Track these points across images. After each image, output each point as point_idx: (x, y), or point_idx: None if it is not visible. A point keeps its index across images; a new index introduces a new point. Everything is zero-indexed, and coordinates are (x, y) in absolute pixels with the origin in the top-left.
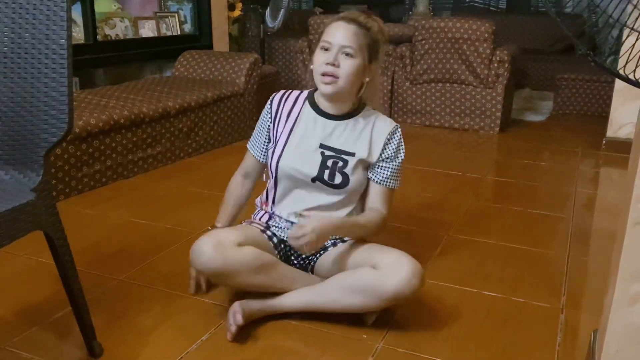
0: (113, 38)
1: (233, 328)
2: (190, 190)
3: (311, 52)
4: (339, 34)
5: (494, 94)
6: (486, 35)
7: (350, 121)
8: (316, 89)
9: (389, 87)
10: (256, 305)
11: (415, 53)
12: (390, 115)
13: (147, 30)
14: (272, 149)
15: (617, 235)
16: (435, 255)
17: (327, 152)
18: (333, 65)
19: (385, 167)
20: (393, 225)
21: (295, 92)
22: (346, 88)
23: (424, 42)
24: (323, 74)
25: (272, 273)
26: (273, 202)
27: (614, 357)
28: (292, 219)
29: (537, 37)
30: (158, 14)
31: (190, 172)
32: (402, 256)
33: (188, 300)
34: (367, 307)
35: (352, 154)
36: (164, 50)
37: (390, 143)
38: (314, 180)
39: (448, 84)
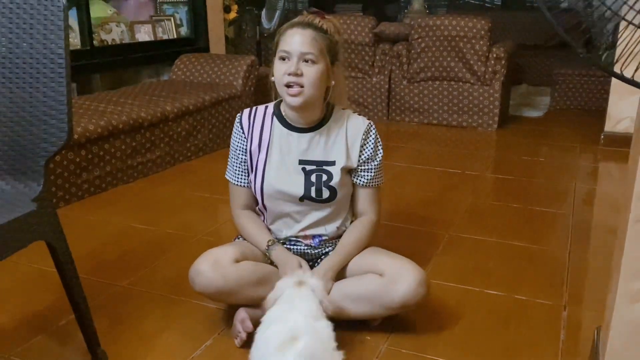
0: (109, 43)
1: (243, 335)
2: (190, 193)
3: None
4: (296, 41)
5: (491, 91)
6: (482, 32)
7: (324, 129)
8: (281, 101)
9: (387, 86)
10: (261, 311)
11: (412, 51)
12: (388, 114)
13: (144, 34)
14: (253, 174)
15: (618, 233)
16: (437, 255)
17: (309, 167)
18: (296, 74)
19: (368, 169)
20: (394, 225)
21: (261, 109)
22: (313, 96)
23: (420, 40)
24: (287, 85)
25: (272, 284)
26: (267, 227)
27: (619, 355)
28: (287, 244)
29: (533, 33)
30: (154, 18)
31: (190, 175)
32: (408, 264)
33: (191, 304)
34: (372, 315)
35: (333, 163)
36: (160, 54)
37: (367, 143)
38: (301, 199)
39: (445, 82)
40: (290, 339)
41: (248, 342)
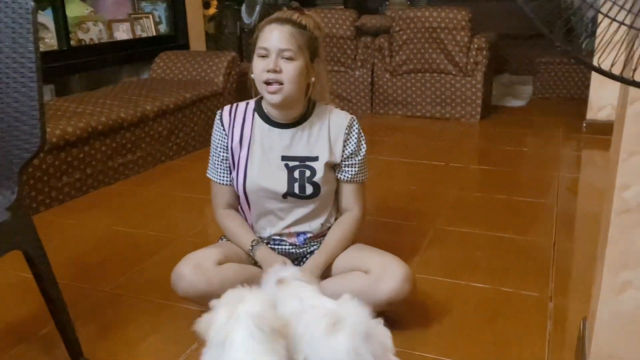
0: (87, 42)
1: None
2: (173, 194)
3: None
4: (274, 38)
5: (473, 82)
6: (463, 23)
7: (306, 124)
8: (262, 97)
9: (369, 80)
10: None
11: (394, 44)
12: (371, 107)
13: (122, 32)
14: (235, 171)
15: (602, 225)
16: (423, 248)
17: (291, 163)
18: (275, 71)
19: (351, 164)
20: (379, 220)
21: (242, 105)
22: (293, 93)
23: (402, 32)
24: (266, 82)
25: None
26: (250, 226)
27: (605, 345)
28: (272, 244)
29: (514, 22)
30: (132, 16)
31: (172, 175)
32: (393, 261)
33: (176, 308)
34: None
35: (316, 158)
36: (139, 52)
37: (350, 138)
38: (285, 196)
39: (428, 74)
40: (333, 323)
41: None
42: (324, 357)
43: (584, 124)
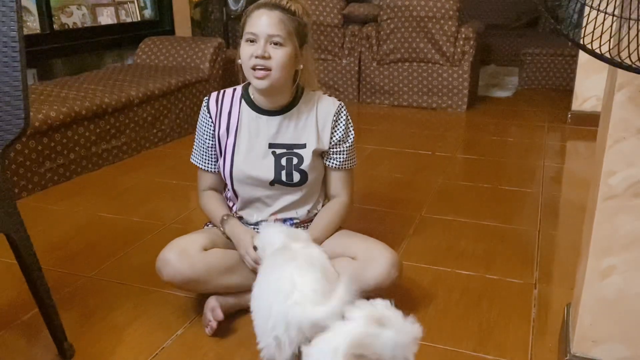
0: (70, 27)
1: (214, 324)
2: (157, 180)
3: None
4: (263, 23)
5: (460, 72)
6: (451, 12)
7: (293, 112)
8: (249, 84)
9: (357, 69)
10: (232, 299)
11: (382, 33)
12: (358, 97)
13: (106, 17)
14: (222, 158)
15: (587, 211)
16: (409, 236)
17: (279, 151)
18: (263, 57)
19: (340, 151)
20: (365, 208)
21: (229, 92)
22: (281, 79)
23: (389, 21)
24: (254, 68)
25: (243, 271)
26: (236, 212)
27: (588, 330)
28: (258, 228)
29: (500, 12)
30: (117, 0)
31: (157, 162)
32: (380, 247)
33: (160, 294)
34: None
35: (303, 146)
36: (124, 37)
37: (337, 125)
38: (272, 183)
39: (415, 63)
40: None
41: (219, 331)
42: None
43: (569, 115)
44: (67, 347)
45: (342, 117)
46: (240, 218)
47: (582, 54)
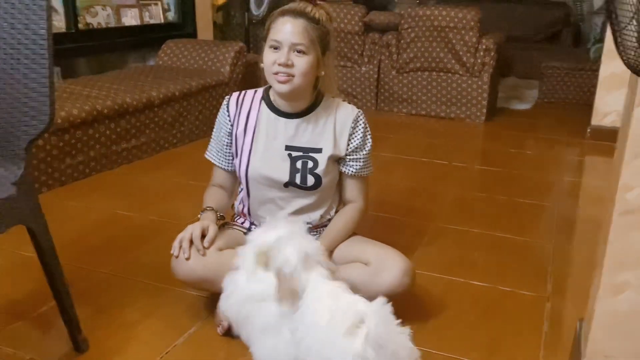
0: (95, 26)
1: (225, 323)
2: (175, 181)
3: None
4: (287, 31)
5: (479, 83)
6: (472, 23)
7: (312, 116)
8: (270, 86)
9: (375, 76)
10: None
11: (402, 41)
12: (376, 104)
13: (130, 18)
14: (238, 157)
15: (603, 225)
16: (422, 245)
17: (295, 153)
18: (286, 65)
19: (356, 158)
20: (380, 215)
21: (250, 93)
22: (302, 85)
23: (410, 30)
24: (276, 73)
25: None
26: (249, 213)
27: (601, 346)
28: None
29: (522, 25)
30: (141, 2)
31: (175, 162)
32: (394, 254)
33: (173, 292)
34: None
35: (320, 150)
36: (147, 38)
37: (355, 132)
38: (286, 185)
39: (434, 73)
40: (355, 324)
41: (230, 331)
42: (330, 354)
43: (589, 130)
44: (81, 341)
45: (360, 124)
46: (249, 230)
47: (603, 69)
